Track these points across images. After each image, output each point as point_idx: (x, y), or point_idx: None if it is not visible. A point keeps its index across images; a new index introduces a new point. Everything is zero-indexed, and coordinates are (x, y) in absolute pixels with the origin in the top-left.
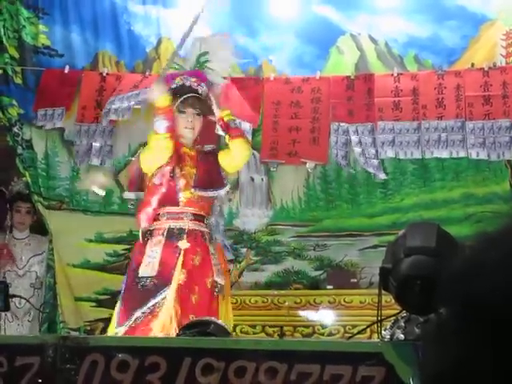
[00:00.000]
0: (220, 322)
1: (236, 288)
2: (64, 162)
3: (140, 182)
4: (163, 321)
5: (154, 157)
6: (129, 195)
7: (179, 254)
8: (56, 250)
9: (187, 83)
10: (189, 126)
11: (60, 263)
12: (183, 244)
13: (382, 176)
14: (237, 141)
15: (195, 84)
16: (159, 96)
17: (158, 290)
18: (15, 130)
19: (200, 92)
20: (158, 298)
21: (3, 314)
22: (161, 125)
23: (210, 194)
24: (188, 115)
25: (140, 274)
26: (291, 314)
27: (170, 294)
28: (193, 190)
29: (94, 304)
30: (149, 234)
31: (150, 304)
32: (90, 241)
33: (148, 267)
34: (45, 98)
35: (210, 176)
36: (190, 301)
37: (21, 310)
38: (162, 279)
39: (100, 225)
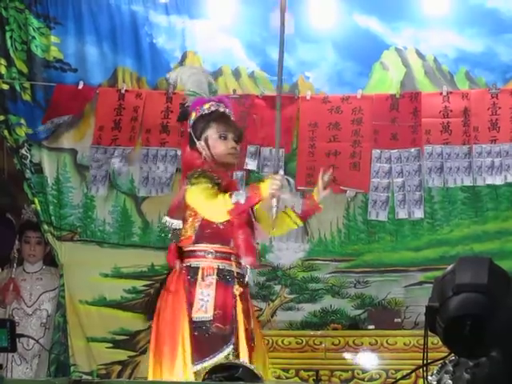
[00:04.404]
0: (249, 365)
1: (268, 328)
2: (77, 187)
3: (183, 211)
4: None
5: (209, 215)
6: (169, 221)
7: (235, 299)
8: (67, 286)
9: (220, 109)
10: (231, 151)
11: (71, 300)
12: (237, 289)
13: (420, 215)
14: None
15: (227, 110)
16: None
17: (224, 338)
18: (23, 151)
19: (232, 118)
20: (228, 349)
21: (10, 355)
22: (239, 197)
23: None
24: (229, 141)
25: (194, 319)
26: (328, 356)
27: (242, 345)
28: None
29: (109, 345)
30: (192, 271)
31: (222, 355)
32: (106, 276)
33: (201, 311)
34: (55, 115)
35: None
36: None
37: (29, 352)
38: (225, 325)
39: (118, 258)
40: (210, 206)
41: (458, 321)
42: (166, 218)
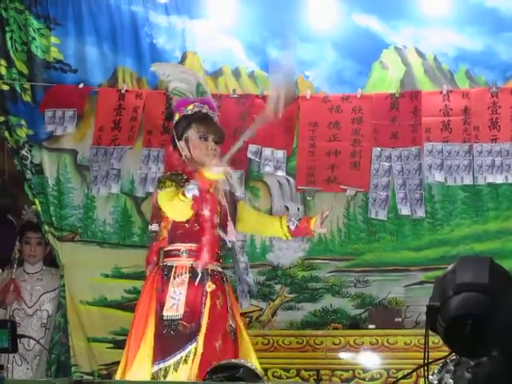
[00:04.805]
0: (250, 364)
1: (269, 328)
2: (77, 188)
3: (158, 215)
4: (196, 371)
5: (175, 216)
6: (153, 228)
7: (205, 296)
8: (68, 286)
9: (203, 110)
10: (211, 153)
11: (72, 300)
12: (209, 286)
13: (421, 214)
14: None
15: (210, 111)
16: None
17: (189, 336)
18: (23, 152)
19: (215, 120)
20: (191, 347)
21: (11, 356)
22: (192, 191)
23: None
24: (209, 142)
25: (165, 317)
26: (329, 356)
27: (200, 341)
28: (217, 231)
29: (110, 345)
30: (167, 270)
31: (183, 353)
32: (107, 276)
33: (172, 309)
34: (54, 100)
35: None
36: (215, 348)
37: (30, 353)
38: (190, 323)
39: (118, 258)
40: (172, 208)
41: (458, 320)
42: (150, 227)
